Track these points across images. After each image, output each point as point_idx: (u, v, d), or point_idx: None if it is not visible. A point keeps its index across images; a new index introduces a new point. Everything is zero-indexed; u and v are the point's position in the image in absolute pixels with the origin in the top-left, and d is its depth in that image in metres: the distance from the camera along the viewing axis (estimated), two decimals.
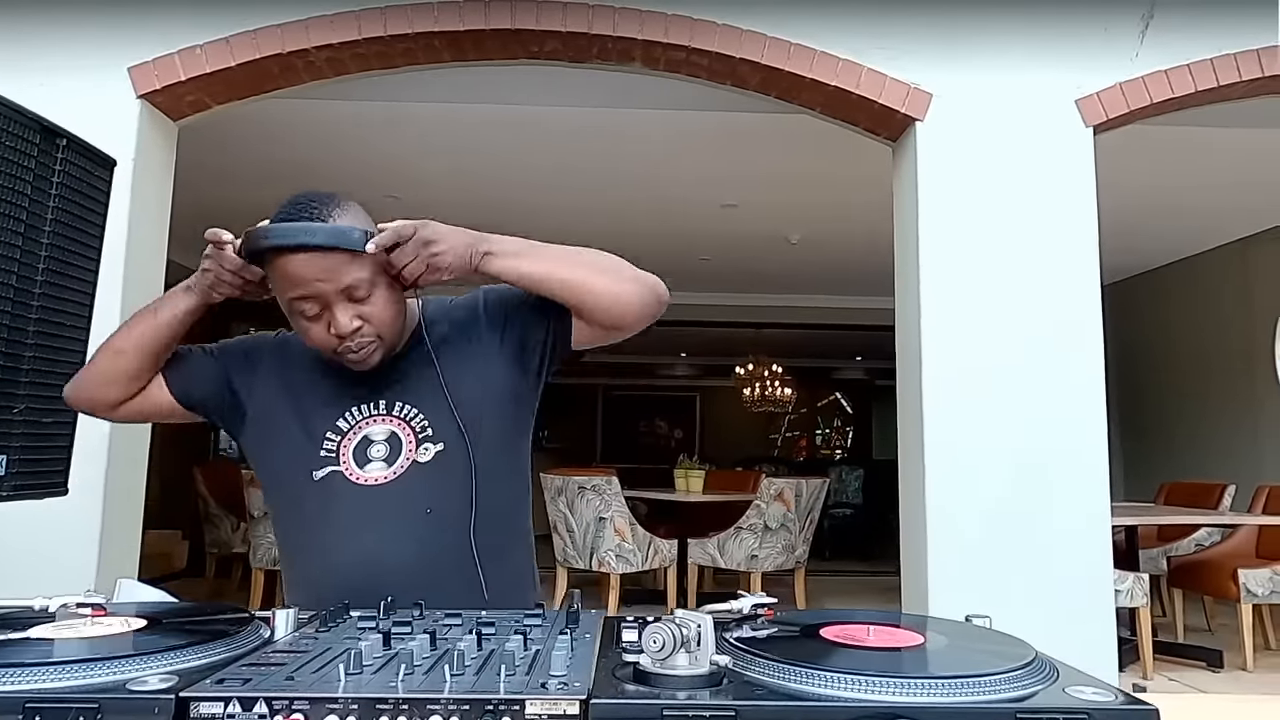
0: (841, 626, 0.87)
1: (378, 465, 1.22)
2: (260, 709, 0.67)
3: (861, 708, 0.67)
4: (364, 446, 1.23)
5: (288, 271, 1.14)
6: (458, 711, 0.67)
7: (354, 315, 1.16)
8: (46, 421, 1.48)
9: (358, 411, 1.25)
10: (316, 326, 1.17)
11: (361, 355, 1.19)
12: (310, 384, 1.28)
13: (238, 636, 0.83)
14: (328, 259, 1.13)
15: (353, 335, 1.16)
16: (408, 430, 1.24)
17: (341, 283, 1.14)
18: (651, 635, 0.72)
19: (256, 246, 1.16)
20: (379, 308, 1.17)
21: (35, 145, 1.42)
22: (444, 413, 1.23)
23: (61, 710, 0.65)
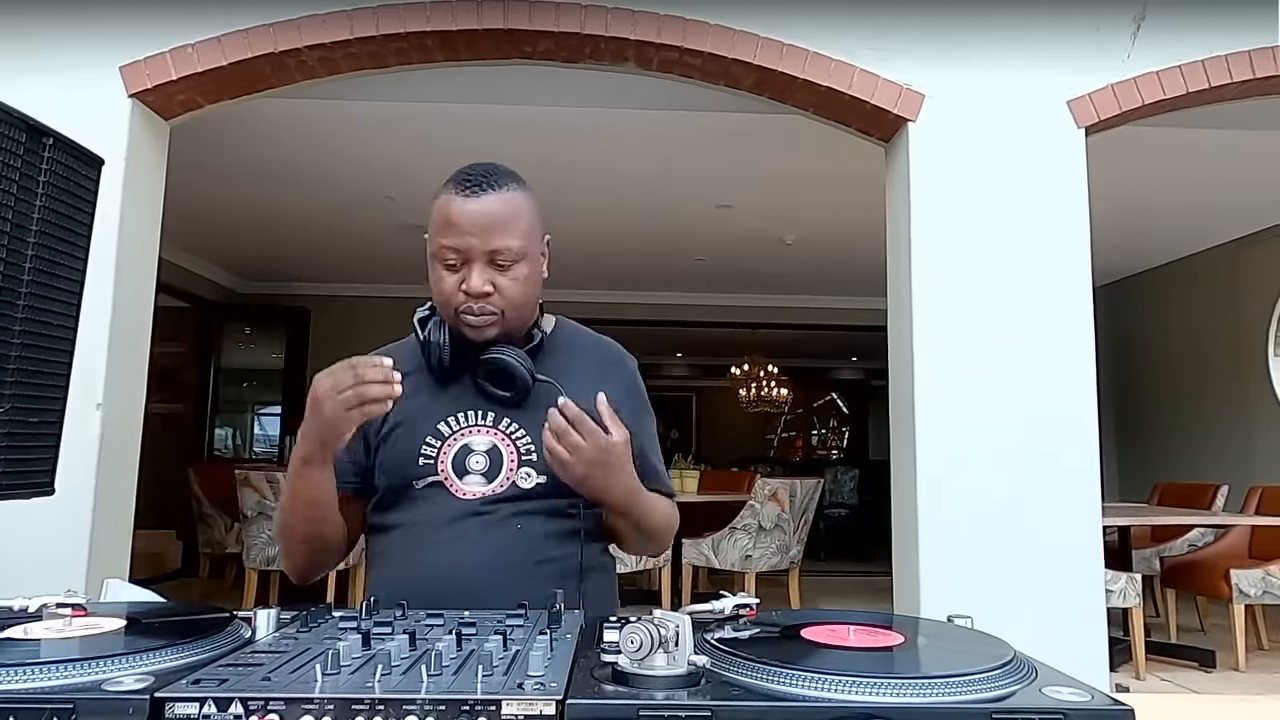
0: (823, 627, 0.87)
1: (476, 479, 1.23)
2: (236, 709, 0.66)
3: (837, 708, 0.67)
4: (464, 455, 1.24)
5: (451, 216, 1.18)
6: (434, 712, 0.67)
7: (489, 280, 1.19)
8: (33, 421, 1.47)
9: (463, 418, 1.26)
10: (451, 278, 1.20)
11: (479, 322, 1.21)
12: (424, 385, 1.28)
13: (217, 637, 0.82)
14: (491, 219, 1.17)
15: (480, 298, 1.19)
16: (511, 448, 1.25)
17: (491, 244, 1.18)
18: (629, 635, 0.72)
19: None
20: (514, 285, 1.20)
21: (21, 144, 1.41)
22: None
23: (36, 710, 0.65)
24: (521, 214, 1.21)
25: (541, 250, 1.27)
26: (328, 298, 7.83)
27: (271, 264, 7.25)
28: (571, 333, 1.37)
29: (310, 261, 7.11)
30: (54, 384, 1.54)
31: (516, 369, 1.22)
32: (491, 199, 1.18)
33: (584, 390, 1.27)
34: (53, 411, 1.53)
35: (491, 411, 1.26)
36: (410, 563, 1.22)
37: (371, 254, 6.67)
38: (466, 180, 1.19)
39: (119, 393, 2.71)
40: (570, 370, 1.30)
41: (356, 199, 5.35)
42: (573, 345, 1.35)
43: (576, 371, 1.30)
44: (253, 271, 7.55)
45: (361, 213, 5.62)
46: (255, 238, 6.38)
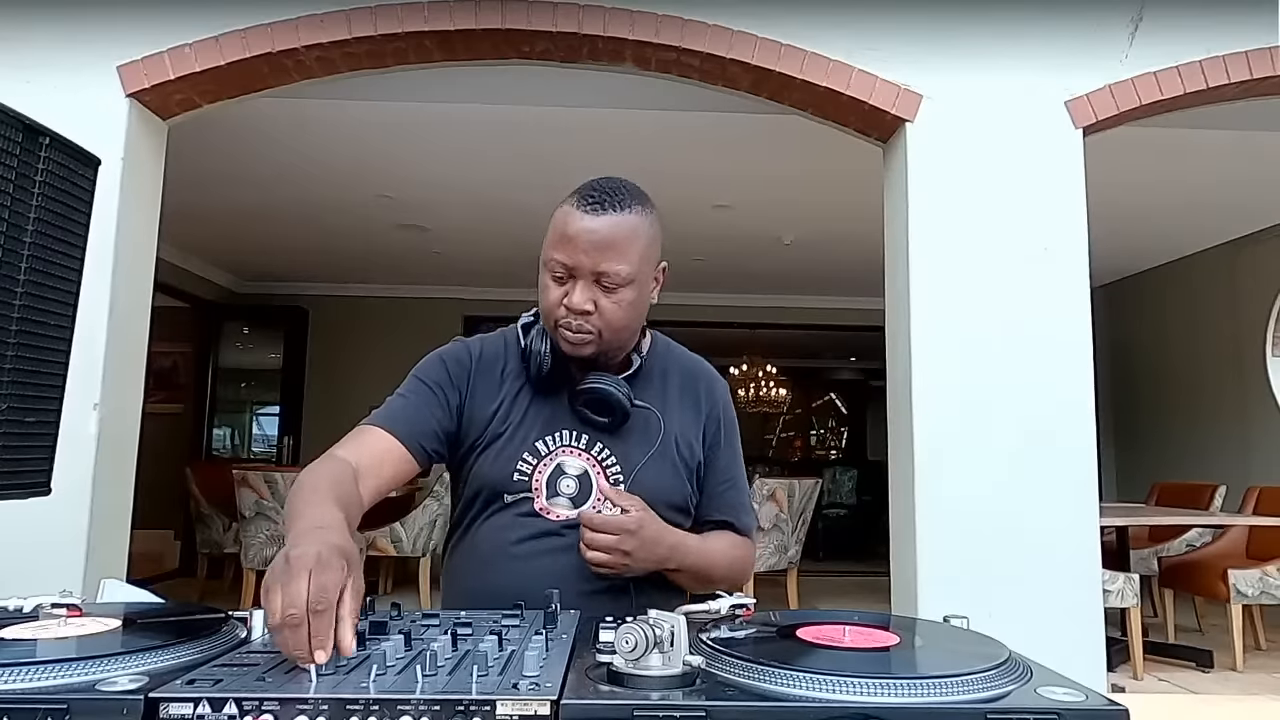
0: (818, 627, 0.87)
1: (563, 501, 1.25)
2: (230, 710, 0.66)
3: (832, 708, 0.67)
4: (556, 476, 1.25)
5: (567, 230, 1.18)
6: (428, 712, 0.67)
7: (591, 298, 1.19)
8: (29, 420, 1.47)
9: (559, 437, 1.27)
10: (556, 290, 1.20)
11: (576, 339, 1.21)
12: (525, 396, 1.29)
13: (212, 637, 0.82)
14: (605, 240, 1.17)
15: (580, 315, 1.19)
16: (599, 473, 1.26)
17: (600, 265, 1.17)
18: (624, 636, 0.72)
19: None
20: (617, 309, 1.20)
21: (17, 144, 1.41)
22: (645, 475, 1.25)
23: (29, 711, 0.65)
24: (638, 239, 1.20)
25: (655, 276, 1.27)
26: (326, 297, 7.83)
27: (269, 264, 7.25)
28: (665, 351, 1.38)
29: (308, 261, 7.10)
30: (51, 384, 1.53)
31: (615, 399, 1.23)
32: (610, 220, 1.17)
33: (675, 412, 1.31)
34: (49, 411, 1.53)
35: (586, 434, 1.27)
36: (490, 573, 1.24)
37: (369, 254, 6.66)
38: (590, 196, 1.19)
39: (116, 393, 2.71)
40: (665, 393, 1.32)
41: (354, 199, 5.34)
42: (666, 366, 1.36)
43: (670, 394, 1.32)
44: (251, 271, 7.54)
45: (359, 212, 5.61)
46: (253, 237, 6.37)
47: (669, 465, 1.28)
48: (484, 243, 6.35)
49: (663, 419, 1.28)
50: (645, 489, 1.25)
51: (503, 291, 7.87)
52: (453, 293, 7.81)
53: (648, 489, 1.25)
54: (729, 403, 1.39)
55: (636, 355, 1.31)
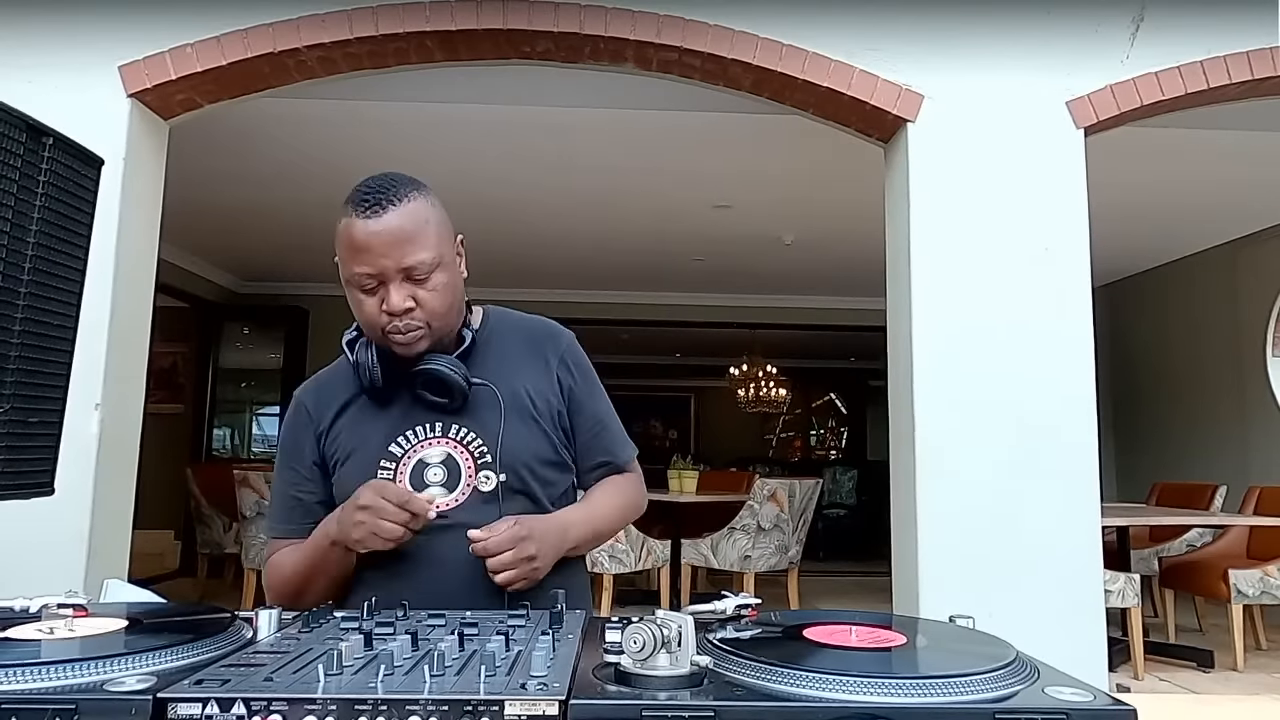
0: (824, 627, 0.87)
1: (435, 490, 1.24)
2: (238, 710, 0.66)
3: (840, 708, 0.67)
4: (420, 470, 1.25)
5: (356, 241, 1.17)
6: (436, 712, 0.67)
7: (408, 295, 1.18)
8: (32, 421, 1.47)
9: (412, 435, 1.26)
10: (370, 301, 1.20)
11: (408, 339, 1.20)
12: (365, 407, 1.29)
13: (219, 637, 0.82)
14: (398, 236, 1.16)
15: (403, 315, 1.18)
16: (465, 454, 1.25)
17: (404, 261, 1.17)
18: (632, 636, 0.72)
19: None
20: (434, 295, 1.20)
21: (21, 144, 1.41)
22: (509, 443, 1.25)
23: (38, 711, 0.65)
24: (428, 223, 1.20)
25: (456, 251, 1.27)
26: (326, 297, 7.82)
27: (270, 264, 7.25)
28: (500, 320, 1.37)
29: (308, 261, 7.10)
30: (54, 384, 1.53)
31: (450, 378, 1.22)
32: (393, 215, 1.16)
33: (523, 374, 1.31)
34: (52, 412, 1.53)
35: (439, 421, 1.26)
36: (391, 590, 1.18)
37: None
38: (365, 200, 1.17)
39: (118, 393, 2.71)
40: (505, 359, 1.31)
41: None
42: (504, 333, 1.35)
43: (511, 358, 1.32)
44: (251, 271, 7.54)
45: None
46: (253, 237, 6.37)
47: (531, 424, 1.28)
48: (482, 242, 6.31)
49: (498, 387, 1.25)
50: (515, 454, 1.25)
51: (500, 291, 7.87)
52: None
53: (517, 453, 1.25)
54: (576, 348, 1.38)
55: (467, 330, 1.30)
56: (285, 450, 1.35)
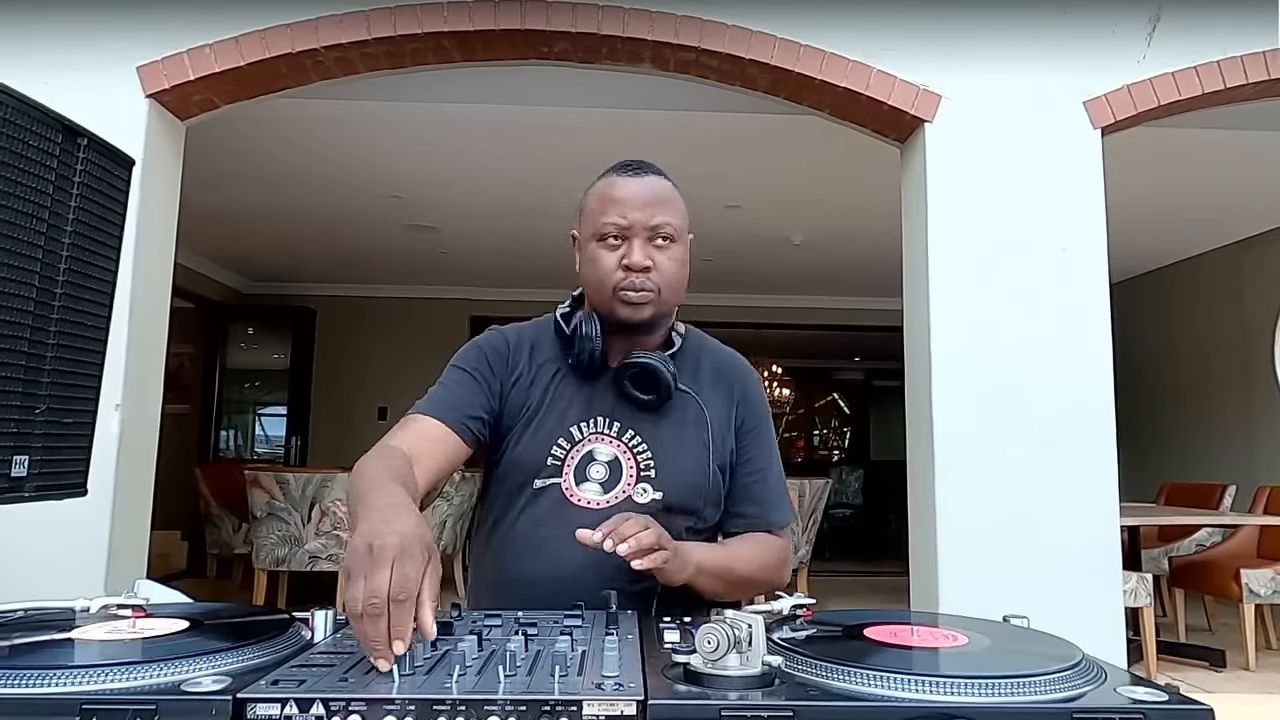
0: (884, 627, 0.87)
1: (593, 487, 1.24)
2: (317, 710, 0.67)
3: (918, 708, 0.67)
4: (586, 463, 1.25)
5: (615, 193, 1.23)
6: (514, 712, 0.67)
7: (649, 255, 1.22)
8: (67, 422, 1.47)
9: (591, 424, 1.26)
10: (610, 256, 1.23)
11: (639, 298, 1.22)
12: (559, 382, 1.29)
13: (282, 638, 0.82)
14: (655, 195, 1.23)
15: (641, 271, 1.21)
16: (631, 460, 1.25)
17: (654, 220, 1.22)
18: (705, 636, 0.72)
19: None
20: (672, 264, 1.23)
21: (57, 144, 1.41)
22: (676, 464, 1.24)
23: (118, 712, 0.65)
24: (678, 199, 1.27)
25: (689, 243, 1.30)
26: (333, 298, 7.83)
27: (277, 264, 7.25)
28: (699, 340, 1.37)
29: (316, 262, 7.10)
30: (87, 385, 1.54)
31: (662, 374, 1.23)
32: (653, 180, 1.25)
33: (710, 399, 1.30)
34: (86, 413, 1.53)
35: (618, 421, 1.26)
36: (517, 563, 1.23)
37: (378, 254, 6.66)
38: (627, 165, 1.26)
39: (137, 393, 2.71)
40: (698, 379, 1.31)
41: (364, 199, 5.34)
42: (701, 354, 1.35)
43: (704, 381, 1.31)
44: (258, 272, 7.54)
45: (368, 212, 5.61)
46: (261, 237, 6.37)
47: (701, 454, 1.26)
48: (492, 243, 6.35)
49: (703, 406, 1.27)
50: (675, 477, 1.25)
51: (509, 291, 7.88)
52: (459, 293, 7.82)
53: (678, 479, 1.25)
54: (762, 395, 1.38)
55: (676, 335, 1.32)
56: (471, 358, 1.29)
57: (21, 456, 1.37)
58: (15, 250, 1.33)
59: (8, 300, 1.32)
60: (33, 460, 1.39)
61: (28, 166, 1.34)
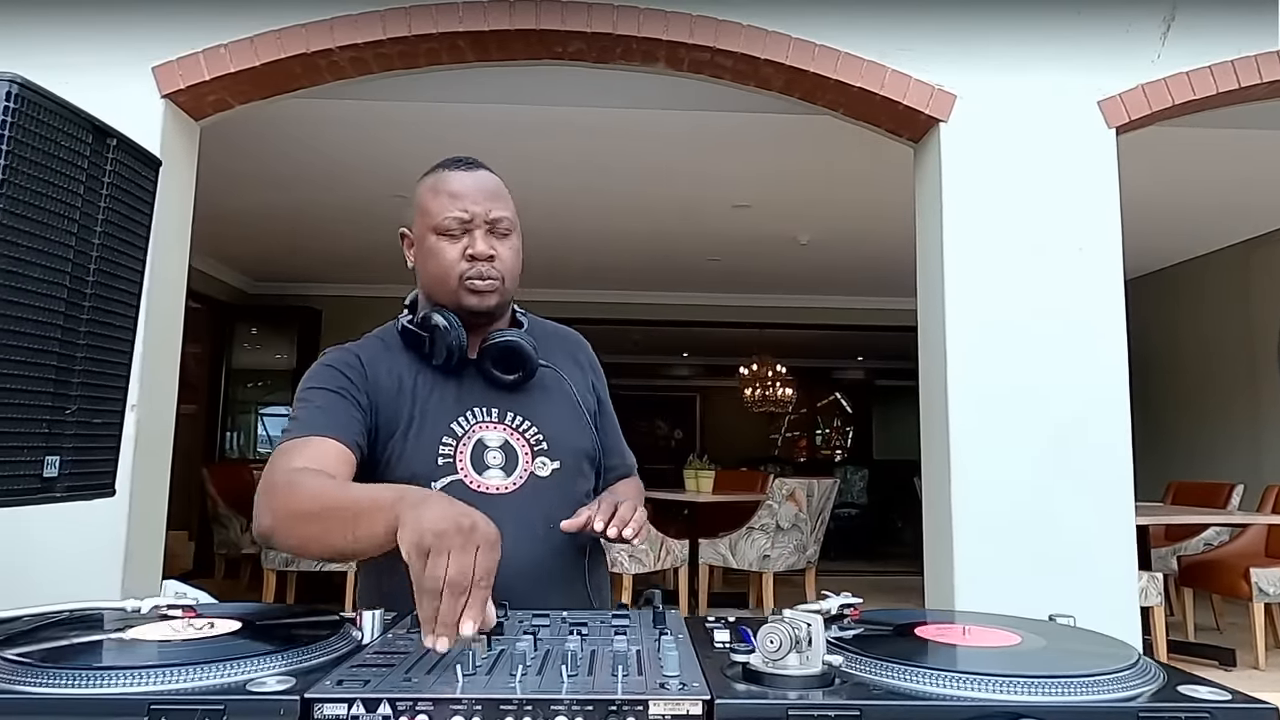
0: (933, 626, 0.87)
1: (495, 473, 1.25)
2: (384, 710, 0.67)
3: (983, 707, 0.67)
4: (480, 451, 1.26)
5: (452, 186, 1.26)
6: (581, 712, 0.67)
7: (491, 245, 1.25)
8: (96, 422, 1.47)
9: (471, 416, 1.27)
10: (453, 248, 1.25)
11: (485, 286, 1.25)
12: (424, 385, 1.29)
13: (336, 638, 0.83)
14: (489, 189, 1.27)
15: (484, 261, 1.24)
16: (522, 441, 1.28)
17: (492, 213, 1.26)
18: (768, 635, 0.72)
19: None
20: (511, 254, 1.28)
21: (87, 144, 1.41)
22: (563, 432, 1.29)
23: (186, 712, 0.65)
24: (508, 192, 1.31)
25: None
26: (339, 298, 7.82)
27: (282, 264, 7.24)
28: (533, 320, 1.42)
29: (322, 262, 7.10)
30: (115, 385, 1.53)
31: (524, 346, 1.27)
32: (485, 174, 1.29)
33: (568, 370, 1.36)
34: (114, 413, 1.53)
35: (495, 407, 1.28)
36: None
37: (384, 254, 6.61)
38: (458, 161, 1.29)
39: (152, 394, 2.71)
40: (550, 354, 1.35)
41: (370, 198, 5.34)
42: (543, 331, 1.42)
43: (554, 354, 1.36)
44: (263, 272, 7.54)
45: (374, 212, 5.60)
46: (267, 238, 6.37)
47: (580, 420, 1.32)
48: None
49: (562, 375, 1.32)
50: (567, 446, 1.29)
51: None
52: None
53: (569, 445, 1.30)
54: (595, 357, 1.48)
55: (521, 316, 1.37)
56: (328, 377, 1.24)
57: (53, 457, 1.37)
58: (48, 251, 1.33)
59: (41, 301, 1.32)
60: (64, 461, 1.39)
61: (60, 167, 1.34)
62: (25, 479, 1.32)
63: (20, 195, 1.27)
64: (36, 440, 1.34)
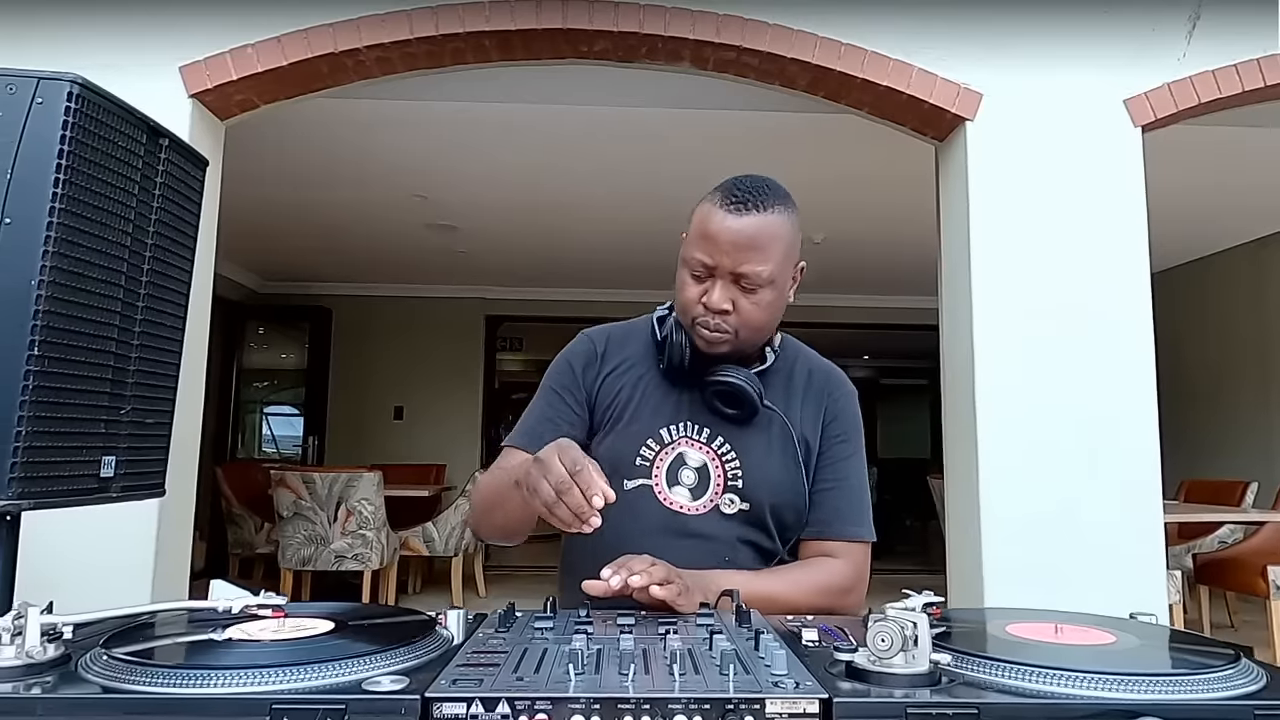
0: (1024, 624, 0.87)
1: (683, 492, 1.25)
2: (503, 709, 0.67)
3: (1103, 705, 0.67)
4: (677, 466, 1.25)
5: (709, 229, 1.18)
6: (699, 711, 0.67)
7: (730, 298, 1.19)
8: (149, 422, 1.47)
9: (682, 428, 1.27)
10: (694, 288, 1.21)
11: (712, 337, 1.21)
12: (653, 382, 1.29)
13: (432, 637, 0.83)
14: (747, 241, 1.16)
15: (716, 314, 1.19)
16: (719, 468, 1.26)
17: (740, 267, 1.17)
18: (879, 634, 0.72)
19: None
20: (755, 309, 1.20)
21: (142, 145, 1.41)
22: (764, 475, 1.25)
23: (309, 711, 0.65)
24: (780, 240, 1.19)
25: (793, 276, 1.26)
26: (349, 297, 7.82)
27: (293, 263, 7.24)
28: (795, 352, 1.37)
29: (335, 261, 7.09)
30: (166, 385, 1.53)
31: (747, 394, 1.23)
32: (753, 220, 1.16)
33: (802, 411, 1.31)
34: (165, 413, 1.53)
35: (708, 428, 1.27)
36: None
37: (399, 253, 6.65)
38: (734, 195, 1.18)
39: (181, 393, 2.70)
40: (792, 391, 1.31)
41: (386, 198, 5.34)
42: (795, 365, 1.35)
43: (797, 392, 1.32)
44: (273, 271, 7.53)
45: (390, 212, 5.61)
46: (280, 237, 6.36)
47: (789, 464, 1.27)
48: (510, 243, 6.35)
49: (789, 421, 1.27)
50: (762, 486, 1.26)
51: (525, 291, 7.88)
52: (475, 292, 7.81)
53: (765, 486, 1.26)
54: (857, 411, 1.37)
55: (770, 351, 1.32)
56: (557, 374, 1.34)
57: (109, 457, 1.37)
58: (106, 250, 1.34)
59: (99, 300, 1.32)
60: (119, 461, 1.39)
61: (117, 167, 1.34)
62: (84, 479, 1.33)
63: (80, 195, 1.27)
64: (94, 440, 1.35)
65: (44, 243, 1.20)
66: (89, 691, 0.69)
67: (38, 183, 1.22)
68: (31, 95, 1.24)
